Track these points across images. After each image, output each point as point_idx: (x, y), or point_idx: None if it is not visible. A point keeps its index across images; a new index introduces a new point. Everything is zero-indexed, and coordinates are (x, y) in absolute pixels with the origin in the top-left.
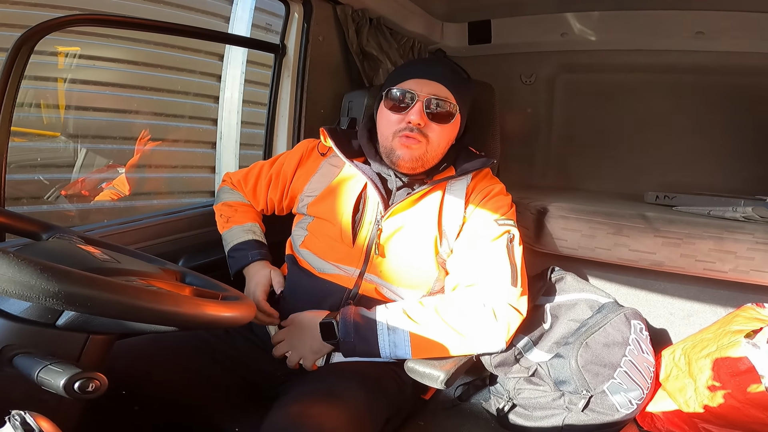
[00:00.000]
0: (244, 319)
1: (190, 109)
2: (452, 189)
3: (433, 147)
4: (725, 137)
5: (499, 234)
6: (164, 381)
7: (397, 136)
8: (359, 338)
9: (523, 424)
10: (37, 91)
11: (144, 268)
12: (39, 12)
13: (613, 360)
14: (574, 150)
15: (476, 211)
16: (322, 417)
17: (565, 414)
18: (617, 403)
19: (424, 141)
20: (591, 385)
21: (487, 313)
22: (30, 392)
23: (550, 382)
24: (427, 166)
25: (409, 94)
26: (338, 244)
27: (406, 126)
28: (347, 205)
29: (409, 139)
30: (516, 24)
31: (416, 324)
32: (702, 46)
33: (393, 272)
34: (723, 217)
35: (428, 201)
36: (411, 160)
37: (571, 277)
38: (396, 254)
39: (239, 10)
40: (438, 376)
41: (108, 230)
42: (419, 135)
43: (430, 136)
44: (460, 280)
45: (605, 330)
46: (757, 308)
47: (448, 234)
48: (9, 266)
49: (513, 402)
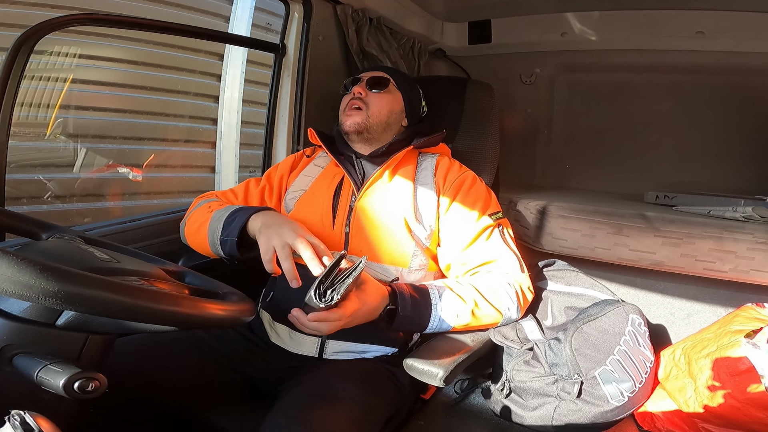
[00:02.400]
0: (244, 318)
1: (190, 109)
2: (421, 173)
3: (373, 113)
4: (725, 137)
5: (490, 226)
6: (164, 380)
7: (345, 111)
8: (416, 313)
9: (518, 412)
10: (37, 91)
11: (144, 267)
12: (39, 12)
13: (606, 346)
14: (574, 150)
15: (457, 206)
16: (322, 419)
17: (557, 402)
18: (608, 393)
19: (364, 108)
20: (583, 369)
21: (512, 292)
22: (30, 392)
23: (545, 364)
24: (371, 131)
25: (356, 79)
26: (320, 229)
27: (351, 98)
28: (327, 193)
29: (351, 108)
30: (516, 24)
31: (462, 301)
32: (702, 46)
33: (372, 249)
34: (723, 216)
35: (399, 182)
36: (353, 125)
37: (581, 273)
38: (371, 232)
39: (239, 9)
40: (437, 373)
41: (108, 230)
42: (359, 102)
43: (370, 103)
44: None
45: (602, 320)
46: (757, 308)
47: (423, 215)
48: (9, 266)
49: (510, 385)
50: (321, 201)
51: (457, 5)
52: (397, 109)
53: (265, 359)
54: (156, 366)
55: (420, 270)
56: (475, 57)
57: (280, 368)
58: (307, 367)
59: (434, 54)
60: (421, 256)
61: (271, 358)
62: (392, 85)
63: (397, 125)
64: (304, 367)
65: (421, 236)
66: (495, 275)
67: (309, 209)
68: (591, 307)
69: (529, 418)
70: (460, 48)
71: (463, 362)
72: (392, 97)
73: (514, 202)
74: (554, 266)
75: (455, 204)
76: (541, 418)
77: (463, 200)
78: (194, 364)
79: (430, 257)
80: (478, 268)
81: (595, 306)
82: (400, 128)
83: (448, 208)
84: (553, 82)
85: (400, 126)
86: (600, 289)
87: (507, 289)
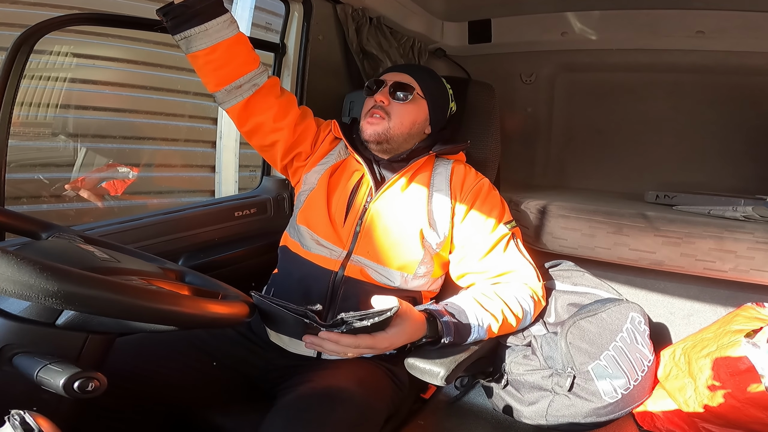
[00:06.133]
0: (244, 318)
1: (190, 109)
2: (436, 178)
3: (395, 124)
4: (725, 137)
5: (506, 235)
6: (163, 380)
7: (366, 117)
8: (458, 337)
9: (516, 407)
10: (37, 90)
11: (143, 267)
12: (39, 12)
13: (601, 342)
14: (574, 149)
15: (474, 214)
16: (321, 419)
17: (552, 397)
18: (602, 389)
19: (386, 118)
20: (577, 363)
21: (531, 303)
22: (30, 392)
23: (540, 357)
24: (391, 143)
25: (379, 81)
26: (329, 224)
27: (373, 105)
28: (344, 189)
29: (373, 117)
30: (516, 23)
31: (493, 318)
32: (702, 46)
33: (379, 252)
34: (723, 216)
35: (415, 188)
36: (373, 135)
37: (587, 273)
38: (382, 235)
39: (239, 9)
40: (438, 372)
41: (107, 229)
42: (381, 111)
43: (392, 113)
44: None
45: (601, 316)
46: (757, 308)
47: (437, 221)
48: (8, 265)
49: (508, 378)
50: (338, 194)
51: (457, 5)
52: (421, 119)
53: (265, 358)
54: (156, 366)
55: (424, 277)
56: (475, 56)
57: (279, 368)
58: (306, 366)
59: (434, 53)
60: (428, 263)
61: (270, 358)
62: (417, 94)
63: (420, 134)
64: (303, 366)
65: (432, 242)
66: (516, 286)
67: (325, 197)
68: (592, 304)
69: (526, 412)
70: (460, 47)
71: (465, 361)
72: (416, 108)
73: (514, 202)
74: (561, 266)
75: (472, 212)
76: (536, 413)
77: (480, 208)
78: (194, 363)
79: (437, 264)
80: (497, 278)
81: (596, 303)
82: (422, 136)
83: (465, 216)
84: (554, 82)
85: (422, 134)
86: (606, 288)
87: (528, 300)
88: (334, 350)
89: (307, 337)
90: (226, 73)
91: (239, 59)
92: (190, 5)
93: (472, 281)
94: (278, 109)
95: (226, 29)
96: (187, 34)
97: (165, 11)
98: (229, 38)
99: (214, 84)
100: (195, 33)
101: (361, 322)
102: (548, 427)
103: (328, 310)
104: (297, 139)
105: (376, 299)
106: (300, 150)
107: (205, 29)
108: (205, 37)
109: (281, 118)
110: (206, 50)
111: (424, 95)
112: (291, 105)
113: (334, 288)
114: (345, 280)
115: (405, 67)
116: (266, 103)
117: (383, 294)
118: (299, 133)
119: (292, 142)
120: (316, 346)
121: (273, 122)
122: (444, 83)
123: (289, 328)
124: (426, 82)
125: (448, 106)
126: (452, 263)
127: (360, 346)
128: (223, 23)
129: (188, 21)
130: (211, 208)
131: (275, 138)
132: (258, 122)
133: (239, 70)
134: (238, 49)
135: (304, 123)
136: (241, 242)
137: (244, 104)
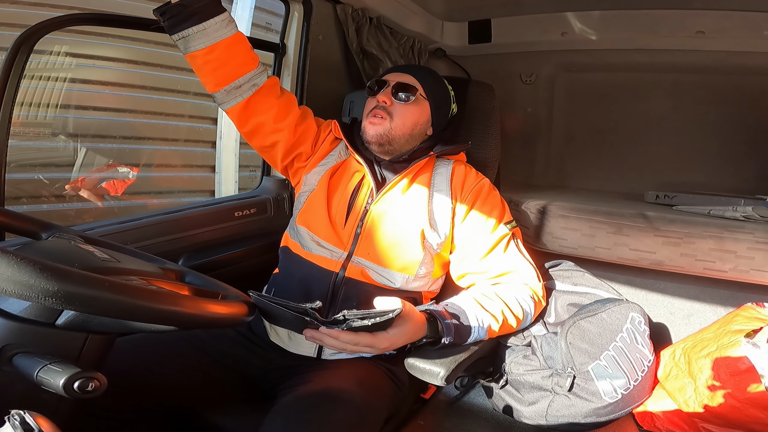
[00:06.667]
0: (244, 318)
1: (190, 109)
2: (436, 178)
3: (397, 125)
4: (725, 137)
5: (507, 236)
6: (163, 380)
7: (368, 117)
8: (458, 338)
9: (516, 407)
10: (37, 90)
11: (144, 267)
12: (39, 12)
13: (601, 342)
14: (574, 149)
15: (474, 214)
16: (321, 420)
17: (552, 397)
18: (602, 389)
19: (388, 119)
20: (576, 363)
21: (531, 304)
22: (30, 392)
23: (540, 357)
24: (393, 144)
25: (382, 81)
26: (329, 226)
27: (375, 105)
28: (344, 190)
29: (375, 117)
30: (516, 23)
31: (493, 319)
32: (702, 46)
33: (379, 254)
34: (723, 216)
35: (416, 189)
36: (375, 135)
37: (587, 273)
38: (383, 236)
39: (239, 9)
40: (438, 372)
41: (108, 229)
42: (383, 112)
43: (394, 114)
44: (486, 279)
45: (600, 316)
46: (757, 308)
47: (438, 221)
48: (8, 265)
49: (508, 378)
50: (339, 194)
51: (457, 5)
52: (423, 120)
53: (265, 358)
54: (156, 366)
55: (424, 277)
56: (475, 56)
57: (279, 367)
58: (306, 366)
59: (434, 53)
60: (429, 264)
61: (270, 358)
62: (419, 95)
63: (421, 135)
64: (303, 366)
65: (433, 243)
66: (517, 286)
67: (325, 199)
68: (592, 304)
69: (526, 412)
70: (460, 47)
71: (465, 361)
72: (418, 109)
73: (514, 202)
74: (561, 266)
75: (473, 212)
76: (536, 413)
77: (480, 208)
78: (194, 363)
79: (437, 264)
80: (498, 278)
81: (597, 303)
82: (423, 137)
83: (465, 216)
84: (554, 82)
85: (424, 135)
86: (606, 288)
87: (528, 301)
88: (334, 345)
89: (307, 330)
90: (226, 73)
91: (238, 59)
92: (188, 4)
93: (473, 281)
94: (279, 109)
95: (225, 28)
96: (184, 33)
97: (162, 11)
98: (228, 38)
99: (214, 84)
100: (193, 32)
101: (362, 321)
102: (548, 427)
103: (328, 311)
104: (298, 139)
105: (379, 300)
106: (301, 150)
107: (203, 28)
108: (204, 36)
109: (282, 118)
110: (205, 50)
111: (427, 96)
112: (291, 105)
113: (334, 288)
114: (346, 281)
115: (407, 68)
116: (266, 104)
117: (384, 295)
118: (300, 133)
119: (293, 143)
120: (316, 339)
121: (273, 123)
122: (446, 84)
123: (290, 324)
124: (428, 83)
125: (449, 107)
126: (452, 263)
127: (360, 344)
128: (221, 22)
129: (186, 20)
130: (211, 208)
131: (276, 138)
132: (258, 123)
133: (238, 70)
134: (237, 49)
135: (304, 123)
136: (241, 242)
137: (244, 105)
